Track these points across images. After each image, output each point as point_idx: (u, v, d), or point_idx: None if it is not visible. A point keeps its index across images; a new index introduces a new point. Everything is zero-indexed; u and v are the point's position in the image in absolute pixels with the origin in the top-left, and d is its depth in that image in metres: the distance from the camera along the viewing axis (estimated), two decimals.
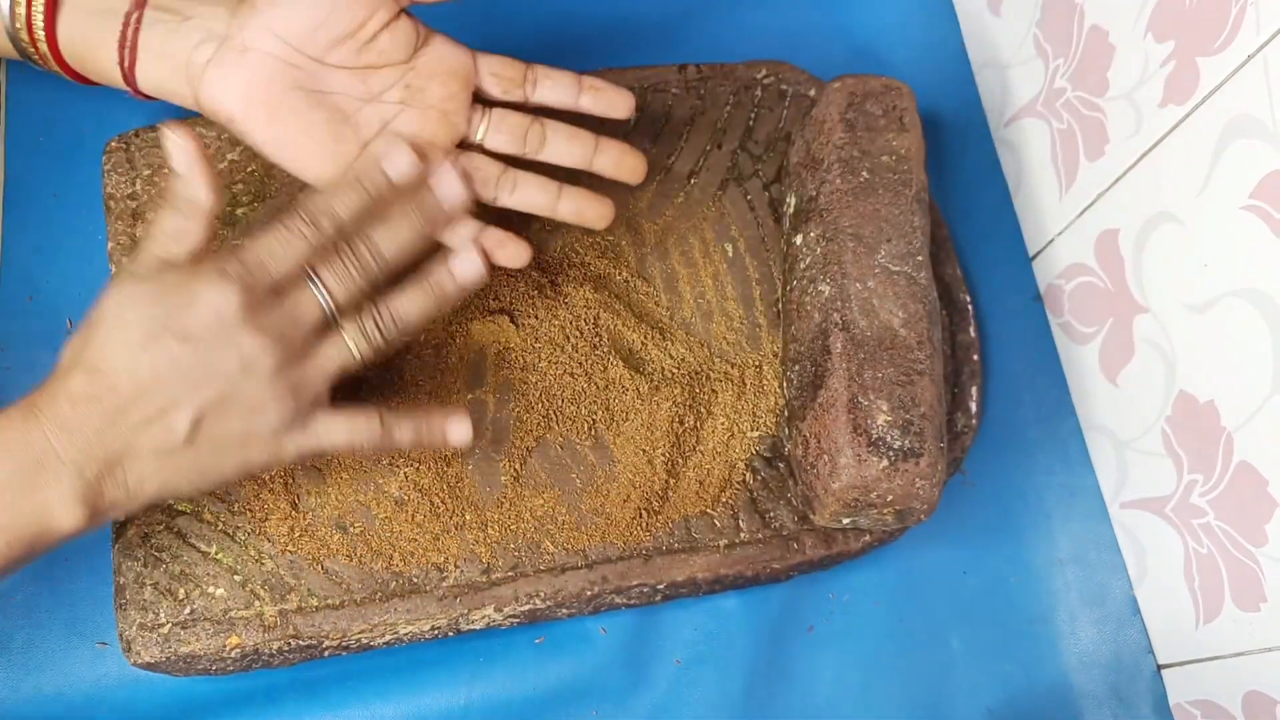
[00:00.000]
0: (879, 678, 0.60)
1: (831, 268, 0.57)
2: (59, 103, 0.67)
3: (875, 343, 0.54)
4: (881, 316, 0.55)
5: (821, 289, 0.57)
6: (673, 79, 0.66)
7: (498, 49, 0.71)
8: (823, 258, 0.57)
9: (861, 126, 0.59)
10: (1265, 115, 0.48)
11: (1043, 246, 0.68)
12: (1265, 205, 0.49)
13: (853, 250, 0.56)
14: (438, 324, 0.60)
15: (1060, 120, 0.64)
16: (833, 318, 0.55)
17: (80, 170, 0.65)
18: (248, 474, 0.49)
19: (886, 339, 0.54)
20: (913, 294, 0.56)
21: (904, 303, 0.55)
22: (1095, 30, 0.60)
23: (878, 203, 0.57)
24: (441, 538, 0.56)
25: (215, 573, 0.54)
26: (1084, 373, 0.65)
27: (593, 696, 0.58)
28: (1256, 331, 0.51)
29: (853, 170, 0.58)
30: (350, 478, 0.56)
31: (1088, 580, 0.63)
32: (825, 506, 0.54)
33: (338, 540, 0.55)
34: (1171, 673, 0.61)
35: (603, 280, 0.62)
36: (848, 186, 0.58)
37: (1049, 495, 0.65)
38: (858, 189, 0.58)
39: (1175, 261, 0.56)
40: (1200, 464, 0.56)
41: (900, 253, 0.56)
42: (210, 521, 0.55)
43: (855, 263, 0.56)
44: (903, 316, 0.55)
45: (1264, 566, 0.52)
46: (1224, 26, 0.50)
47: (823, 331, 0.56)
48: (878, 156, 0.58)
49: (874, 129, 0.59)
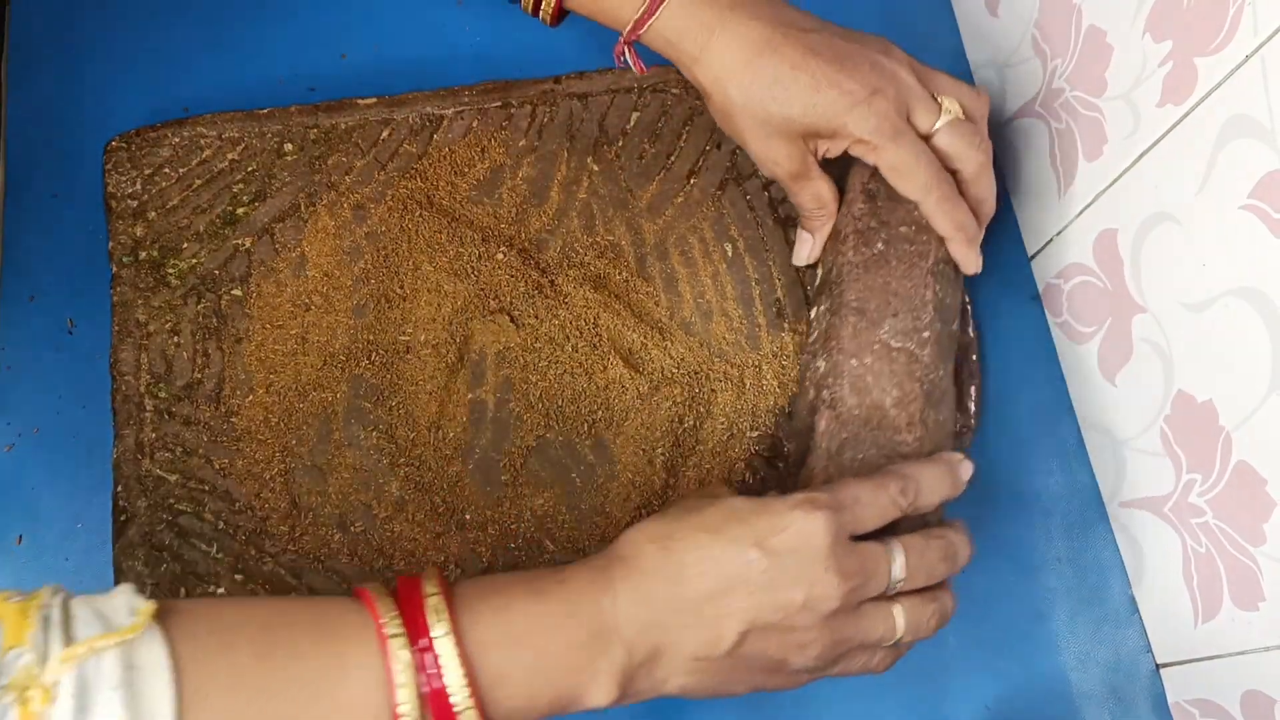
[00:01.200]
0: (878, 676, 0.60)
1: (830, 342, 0.55)
2: (59, 103, 0.67)
3: (861, 422, 0.52)
4: (873, 395, 0.53)
5: (818, 364, 0.55)
6: (673, 79, 0.66)
7: (498, 48, 0.72)
8: (825, 332, 0.56)
9: (883, 196, 0.56)
10: (1263, 115, 0.48)
11: (1041, 246, 0.68)
12: (1263, 205, 0.49)
13: (853, 325, 0.54)
14: (438, 323, 0.60)
15: (1058, 120, 0.65)
16: (823, 394, 0.54)
17: (80, 170, 0.65)
18: (750, 692, 0.47)
19: (874, 419, 0.52)
20: (910, 372, 0.53)
21: (899, 381, 0.53)
22: (1093, 30, 0.60)
23: (889, 275, 0.55)
24: (441, 538, 0.56)
25: (216, 573, 0.54)
26: (1082, 372, 0.65)
27: None
28: (1255, 331, 0.51)
29: (867, 242, 0.56)
30: (351, 477, 0.56)
31: (1086, 579, 0.63)
32: None
33: (338, 540, 0.55)
34: (1170, 672, 0.61)
35: (603, 280, 0.62)
36: (860, 259, 0.56)
37: (1047, 495, 0.65)
38: (870, 261, 0.55)
39: (1174, 261, 0.56)
40: (1199, 463, 0.56)
41: (905, 328, 0.54)
42: (211, 521, 0.55)
43: (854, 338, 0.54)
44: (895, 395, 0.53)
45: (1262, 566, 0.52)
46: (1222, 26, 0.50)
47: (812, 408, 0.54)
48: (896, 227, 0.56)
49: (895, 198, 0.56)
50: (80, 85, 0.68)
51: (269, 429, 0.57)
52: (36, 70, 0.68)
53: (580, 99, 0.66)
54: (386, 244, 0.61)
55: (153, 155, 0.62)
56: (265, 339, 0.59)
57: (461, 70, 0.70)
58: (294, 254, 0.61)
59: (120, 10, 0.70)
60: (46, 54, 0.68)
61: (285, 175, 0.63)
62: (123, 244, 0.60)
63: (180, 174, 0.62)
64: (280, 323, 0.59)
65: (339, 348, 0.59)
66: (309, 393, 0.58)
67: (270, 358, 0.59)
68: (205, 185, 0.62)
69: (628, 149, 0.65)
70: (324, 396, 0.58)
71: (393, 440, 0.57)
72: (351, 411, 0.58)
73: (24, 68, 0.68)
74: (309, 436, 0.57)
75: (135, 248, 0.60)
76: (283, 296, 0.60)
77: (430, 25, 0.72)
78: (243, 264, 0.61)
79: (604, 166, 0.64)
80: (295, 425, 0.57)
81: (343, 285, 0.60)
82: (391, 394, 0.58)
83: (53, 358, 0.61)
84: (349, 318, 0.60)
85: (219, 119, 0.63)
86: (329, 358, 0.59)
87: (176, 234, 0.61)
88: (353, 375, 0.59)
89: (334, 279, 0.60)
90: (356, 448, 0.57)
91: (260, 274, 0.60)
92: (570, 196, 0.63)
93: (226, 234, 0.61)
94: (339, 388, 0.58)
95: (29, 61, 0.68)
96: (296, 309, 0.60)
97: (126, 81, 0.68)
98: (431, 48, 0.71)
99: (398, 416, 0.58)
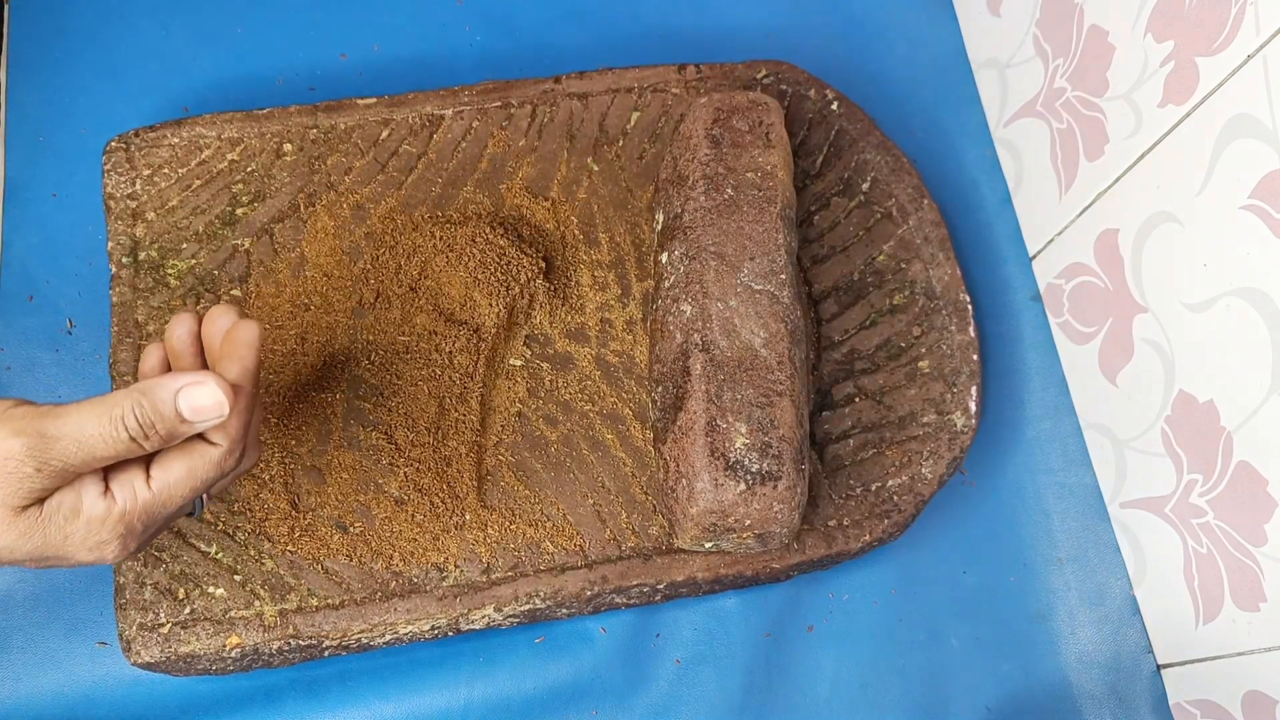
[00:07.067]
0: (878, 677, 0.60)
1: (693, 287, 0.56)
2: (59, 103, 0.67)
3: (735, 363, 0.53)
4: (743, 336, 0.54)
5: (683, 308, 0.56)
6: (673, 79, 0.66)
7: (498, 48, 0.72)
8: (685, 276, 0.56)
9: (727, 143, 0.58)
10: (1264, 115, 0.48)
11: (1042, 246, 0.68)
12: (1264, 205, 0.49)
13: (715, 269, 0.56)
14: (438, 324, 0.60)
15: (1060, 120, 0.64)
16: (693, 338, 0.55)
17: (80, 170, 0.65)
18: None
19: (747, 359, 0.54)
20: (775, 313, 0.55)
21: (765, 322, 0.55)
22: (1095, 30, 0.60)
23: (741, 220, 0.57)
24: (441, 538, 0.56)
25: (215, 572, 0.54)
26: (1083, 372, 0.65)
27: (593, 696, 0.58)
28: (1256, 331, 0.51)
29: (717, 187, 0.57)
30: (350, 477, 0.56)
31: (1087, 580, 0.63)
32: (685, 531, 0.53)
33: (338, 540, 0.55)
34: (1171, 672, 0.61)
35: (603, 281, 0.62)
36: (712, 204, 0.57)
37: (1048, 495, 0.65)
38: (722, 206, 0.57)
39: (1175, 261, 0.56)
40: (1200, 463, 0.56)
41: (763, 271, 0.56)
42: (210, 521, 0.55)
43: (717, 281, 0.55)
44: (764, 336, 0.54)
45: (1263, 566, 0.52)
46: (1223, 27, 0.50)
47: (684, 352, 0.55)
48: (743, 173, 0.58)
49: (740, 145, 0.58)
50: (80, 85, 0.68)
51: (268, 429, 0.57)
52: (36, 70, 0.68)
53: (580, 99, 0.66)
54: (386, 244, 0.61)
55: (152, 155, 0.62)
56: (264, 339, 0.59)
57: (461, 70, 0.70)
58: (293, 254, 0.61)
59: (120, 10, 0.70)
60: (46, 54, 0.68)
61: (285, 175, 0.63)
62: (122, 244, 0.60)
63: (179, 174, 0.62)
64: (280, 323, 0.59)
65: (339, 348, 0.59)
66: (309, 393, 0.58)
67: (270, 358, 0.59)
68: (204, 185, 0.62)
69: (628, 149, 0.65)
70: (324, 397, 0.58)
71: (392, 441, 0.57)
72: (351, 412, 0.58)
73: (24, 68, 0.68)
74: (308, 437, 0.57)
75: (134, 248, 0.60)
76: (282, 297, 0.60)
77: (430, 25, 0.72)
78: (242, 264, 0.61)
79: (604, 166, 0.64)
80: (295, 425, 0.57)
81: (342, 285, 0.60)
82: (391, 394, 0.58)
83: (52, 358, 0.61)
84: (349, 318, 0.60)
85: (218, 119, 0.63)
86: (329, 358, 0.59)
87: (176, 234, 0.61)
88: (352, 375, 0.59)
89: (333, 279, 0.60)
90: (356, 448, 0.57)
91: (259, 274, 0.60)
92: (570, 196, 0.63)
93: (226, 234, 0.61)
94: (339, 388, 0.58)
95: (29, 61, 0.68)
96: (296, 309, 0.60)
97: (126, 81, 0.68)
98: (431, 48, 0.71)
99: (397, 417, 0.58)
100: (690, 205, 0.58)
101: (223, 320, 0.48)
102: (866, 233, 0.65)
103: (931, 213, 0.65)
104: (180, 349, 0.49)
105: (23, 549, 0.42)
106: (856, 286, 0.64)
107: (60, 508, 0.42)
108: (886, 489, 0.59)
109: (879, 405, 0.61)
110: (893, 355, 0.62)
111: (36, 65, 0.68)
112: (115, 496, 0.43)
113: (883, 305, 0.63)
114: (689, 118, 0.61)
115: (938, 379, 0.62)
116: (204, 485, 0.45)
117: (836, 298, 0.64)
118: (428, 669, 0.58)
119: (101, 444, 0.41)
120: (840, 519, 0.59)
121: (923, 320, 0.63)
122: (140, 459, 0.44)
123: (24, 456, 0.40)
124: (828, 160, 0.66)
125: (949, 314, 0.64)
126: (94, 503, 0.42)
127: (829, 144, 0.66)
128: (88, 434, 0.41)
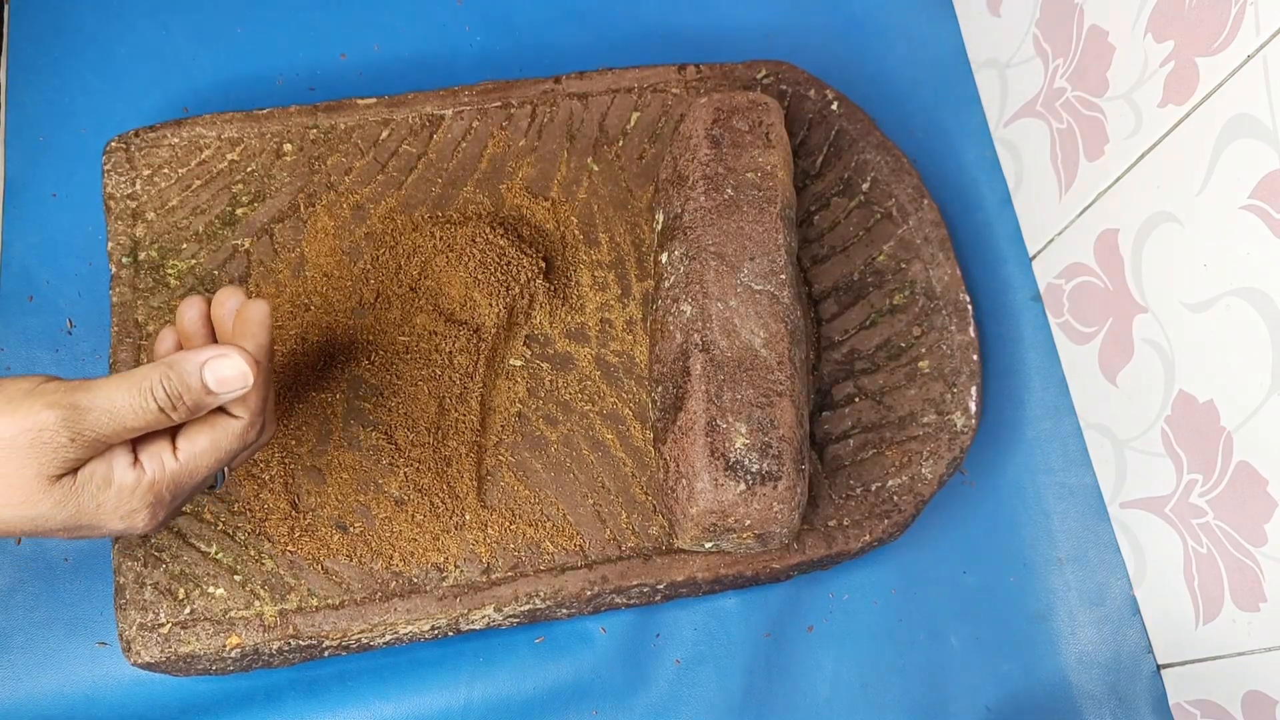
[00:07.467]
0: (878, 677, 0.60)
1: (693, 287, 0.56)
2: (59, 103, 0.67)
3: (735, 364, 0.54)
4: (743, 336, 0.54)
5: (683, 308, 0.56)
6: (673, 79, 0.66)
7: (498, 48, 0.72)
8: (685, 277, 0.57)
9: (727, 143, 0.59)
10: (1264, 115, 0.48)
11: (1042, 246, 0.68)
12: (1264, 205, 0.49)
13: (715, 269, 0.56)
14: (438, 324, 0.60)
15: (1060, 120, 0.64)
16: (693, 338, 0.55)
17: (80, 170, 0.65)
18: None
19: (747, 359, 0.54)
20: (775, 313, 0.55)
21: (765, 322, 0.55)
22: (1095, 30, 0.60)
23: (742, 220, 0.57)
24: (441, 538, 0.56)
25: (215, 573, 0.54)
26: (1083, 372, 0.65)
27: (593, 696, 0.58)
28: (1256, 331, 0.51)
29: (717, 187, 0.58)
30: (350, 478, 0.56)
31: (1087, 580, 0.63)
32: (685, 531, 0.53)
33: (338, 540, 0.55)
34: (1171, 672, 0.61)
35: (603, 281, 0.62)
36: (712, 204, 0.57)
37: (1048, 495, 0.65)
38: (722, 206, 0.57)
39: (1175, 261, 0.56)
40: (1200, 464, 0.56)
41: (763, 271, 0.56)
42: (210, 521, 0.55)
43: (717, 282, 0.55)
44: (764, 336, 0.54)
45: (1263, 566, 0.52)
46: (1223, 27, 0.50)
47: (684, 352, 0.55)
48: (743, 173, 0.58)
49: (740, 145, 0.59)
50: (80, 85, 0.68)
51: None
52: (36, 70, 0.68)
53: (580, 99, 0.66)
54: (386, 244, 0.61)
55: (152, 155, 0.62)
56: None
57: (461, 70, 0.70)
58: (293, 254, 0.61)
59: (120, 10, 0.70)
60: (46, 54, 0.68)
61: (284, 176, 0.63)
62: (122, 244, 0.60)
63: (179, 174, 0.62)
64: (280, 323, 0.59)
65: (339, 348, 0.59)
66: (309, 393, 0.58)
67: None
68: (204, 186, 0.62)
69: (628, 149, 0.65)
70: (323, 397, 0.58)
71: (392, 441, 0.57)
72: (351, 412, 0.58)
73: (24, 68, 0.68)
74: (308, 437, 0.57)
75: (134, 248, 0.60)
76: (282, 297, 0.60)
77: (430, 25, 0.72)
78: (242, 264, 0.61)
79: (604, 166, 0.64)
80: (295, 426, 0.57)
81: (342, 285, 0.60)
82: (391, 394, 0.58)
83: (52, 358, 0.61)
84: (349, 318, 0.60)
85: (218, 119, 0.63)
86: (329, 358, 0.59)
87: (176, 234, 0.61)
88: (352, 375, 0.59)
89: (333, 279, 0.60)
90: (356, 448, 0.57)
91: (259, 274, 0.60)
92: (570, 196, 0.63)
93: (226, 234, 0.61)
94: (339, 388, 0.58)
95: (29, 61, 0.68)
96: (296, 309, 0.60)
97: (126, 81, 0.68)
98: (431, 48, 0.71)
99: (397, 417, 0.58)
100: (690, 205, 0.58)
101: (231, 301, 0.49)
102: (866, 233, 0.65)
103: (931, 213, 0.65)
104: (192, 330, 0.50)
105: (57, 518, 0.43)
106: (856, 286, 0.64)
107: (93, 477, 0.43)
108: (886, 489, 0.59)
109: (879, 405, 0.61)
110: (893, 355, 0.62)
111: (36, 65, 0.68)
112: (145, 467, 0.45)
113: (883, 305, 0.63)
114: (689, 118, 0.61)
115: (938, 379, 0.62)
116: (227, 457, 0.47)
117: (836, 298, 0.64)
118: (428, 669, 0.58)
119: (131, 414, 0.43)
120: (840, 519, 0.59)
121: (923, 320, 0.63)
122: (166, 432, 0.46)
123: (58, 427, 0.41)
124: (828, 160, 0.66)
125: (949, 314, 0.64)
126: (124, 472, 0.44)
127: (829, 144, 0.67)
128: (118, 405, 0.43)
